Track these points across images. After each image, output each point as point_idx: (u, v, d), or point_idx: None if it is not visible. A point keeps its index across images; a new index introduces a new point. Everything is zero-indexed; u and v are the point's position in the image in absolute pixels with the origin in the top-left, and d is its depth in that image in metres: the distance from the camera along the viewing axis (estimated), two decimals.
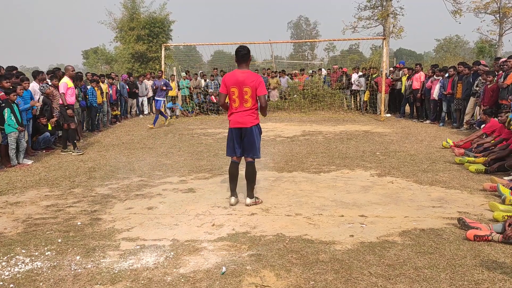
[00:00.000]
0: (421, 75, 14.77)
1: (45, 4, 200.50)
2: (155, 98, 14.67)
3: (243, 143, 5.51)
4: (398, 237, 4.35)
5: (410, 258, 3.84)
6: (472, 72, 12.25)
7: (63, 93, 9.62)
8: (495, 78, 10.82)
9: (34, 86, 10.44)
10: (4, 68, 9.91)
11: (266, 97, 5.52)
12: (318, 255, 3.94)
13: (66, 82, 9.67)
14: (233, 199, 5.61)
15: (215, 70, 20.52)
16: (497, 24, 28.58)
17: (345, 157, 8.70)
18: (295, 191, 6.21)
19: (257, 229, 4.67)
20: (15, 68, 10.43)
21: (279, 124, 14.71)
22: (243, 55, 5.43)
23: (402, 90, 15.98)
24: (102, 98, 14.28)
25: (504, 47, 29.33)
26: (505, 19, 27.99)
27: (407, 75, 15.57)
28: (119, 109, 16.84)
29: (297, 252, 4.01)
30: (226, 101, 5.58)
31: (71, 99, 9.82)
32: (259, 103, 5.48)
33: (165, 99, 14.87)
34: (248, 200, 5.59)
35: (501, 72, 10.56)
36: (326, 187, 6.41)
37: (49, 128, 10.19)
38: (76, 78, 12.14)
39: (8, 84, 8.48)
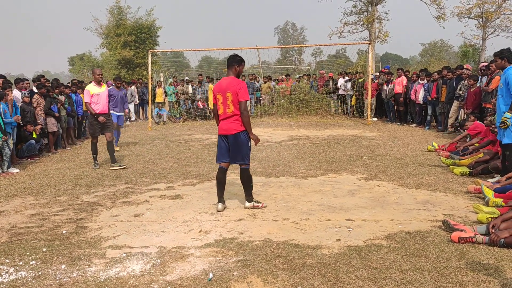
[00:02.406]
0: (403, 80, 14.94)
1: (30, 11, 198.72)
2: (112, 113, 10.79)
3: (230, 150, 5.54)
4: (384, 240, 4.39)
5: (396, 261, 3.87)
6: (455, 76, 12.44)
7: (87, 102, 8.69)
8: (478, 82, 11.00)
9: (16, 94, 10.32)
10: None
11: (248, 103, 5.54)
12: (305, 259, 3.96)
13: (88, 89, 8.73)
14: (220, 206, 5.61)
15: (200, 76, 20.52)
16: (480, 29, 29.12)
17: (332, 161, 8.75)
18: (282, 196, 6.23)
19: (244, 235, 4.67)
20: (4, 77, 10.31)
21: (267, 129, 14.74)
22: (229, 62, 5.54)
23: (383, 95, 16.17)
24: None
25: (488, 51, 29.88)
26: (488, 24, 28.54)
27: (386, 80, 15.76)
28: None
29: (284, 257, 4.02)
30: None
31: (96, 106, 8.70)
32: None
33: (122, 113, 11.64)
34: (247, 204, 5.66)
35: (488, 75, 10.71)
36: (313, 192, 6.44)
37: (34, 136, 10.06)
38: (58, 85, 12.04)
39: None
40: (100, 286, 3.56)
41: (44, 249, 4.39)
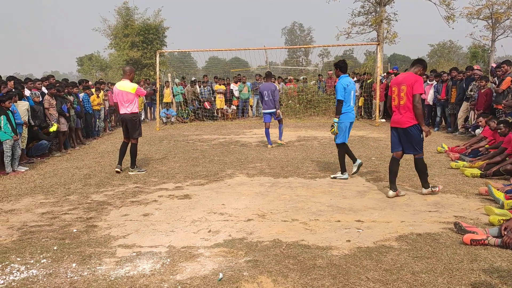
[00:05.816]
0: None
1: (39, 11, 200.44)
2: (264, 112, 10.98)
3: (402, 141, 5.90)
4: (395, 242, 4.35)
5: (407, 262, 3.84)
6: (465, 77, 12.35)
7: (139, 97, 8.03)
8: (488, 83, 10.93)
9: (26, 93, 10.39)
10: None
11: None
12: (315, 260, 3.94)
13: (139, 86, 8.14)
14: (390, 192, 6.03)
15: (206, 77, 20.51)
16: (490, 30, 28.94)
17: None
18: (291, 197, 6.21)
19: (253, 235, 4.66)
20: (14, 78, 10.40)
21: (275, 130, 14.69)
22: (416, 61, 6.01)
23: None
24: (101, 104, 14.34)
25: (497, 52, 29.71)
26: (497, 25, 28.35)
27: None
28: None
29: (294, 258, 4.00)
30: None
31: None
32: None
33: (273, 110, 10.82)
34: (424, 190, 6.07)
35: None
36: (322, 192, 6.42)
37: (54, 129, 10.09)
38: (67, 85, 12.12)
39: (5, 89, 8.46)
40: (110, 285, 3.57)
41: (55, 248, 4.41)
